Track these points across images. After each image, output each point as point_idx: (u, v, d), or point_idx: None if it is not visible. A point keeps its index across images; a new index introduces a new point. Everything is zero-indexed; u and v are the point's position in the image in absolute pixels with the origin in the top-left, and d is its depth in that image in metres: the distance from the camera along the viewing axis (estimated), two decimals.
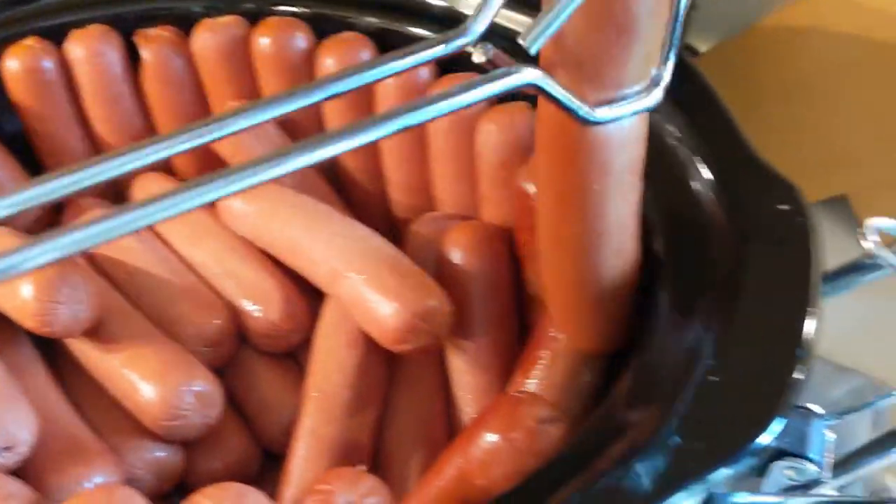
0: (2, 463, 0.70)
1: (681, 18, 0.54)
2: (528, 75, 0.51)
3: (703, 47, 1.31)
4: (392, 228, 1.06)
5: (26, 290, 0.79)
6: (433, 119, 0.53)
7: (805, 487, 0.64)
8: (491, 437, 0.60)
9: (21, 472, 0.72)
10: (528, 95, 0.88)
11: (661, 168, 0.76)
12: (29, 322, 0.80)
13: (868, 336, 1.19)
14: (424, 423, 0.85)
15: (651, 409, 0.56)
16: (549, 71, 0.52)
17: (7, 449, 0.70)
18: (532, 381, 0.67)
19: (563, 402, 0.63)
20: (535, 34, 0.48)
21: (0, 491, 0.58)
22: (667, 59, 0.55)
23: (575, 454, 0.55)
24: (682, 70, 0.86)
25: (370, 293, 0.80)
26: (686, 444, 0.52)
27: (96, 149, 1.11)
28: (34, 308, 0.79)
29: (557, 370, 0.66)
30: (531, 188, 0.82)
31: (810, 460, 0.63)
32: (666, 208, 0.73)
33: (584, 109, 0.53)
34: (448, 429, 0.85)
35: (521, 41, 0.49)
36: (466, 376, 0.85)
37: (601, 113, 0.54)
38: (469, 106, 0.53)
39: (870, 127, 1.28)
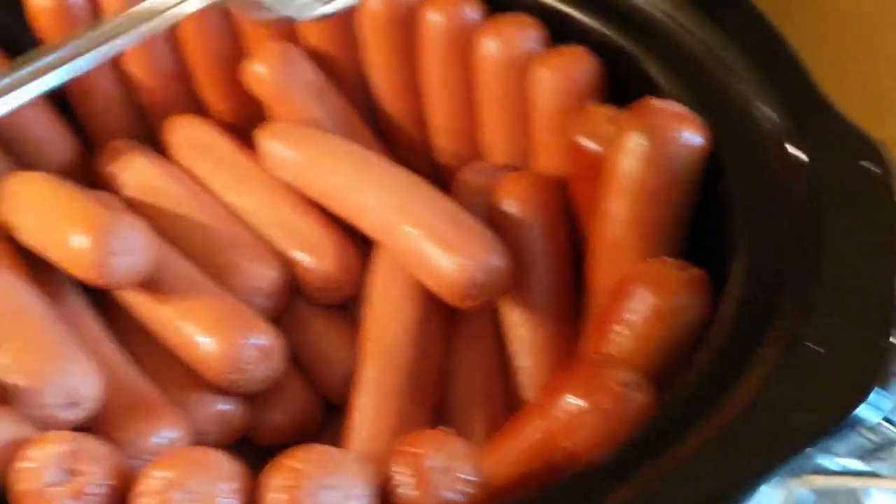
0: (66, 419, 0.69)
1: None
2: None
3: None
4: (433, 176, 1.04)
5: (81, 240, 0.77)
6: None
7: (879, 448, 0.64)
8: (575, 401, 0.59)
9: (84, 429, 0.71)
10: (587, 40, 0.87)
11: (731, 121, 0.75)
12: (85, 274, 0.78)
13: None
14: (483, 378, 0.84)
15: (744, 377, 0.55)
16: None
17: (72, 405, 0.69)
18: (615, 343, 0.66)
19: (649, 366, 0.62)
20: None
21: (84, 453, 0.57)
22: None
23: (668, 423, 0.55)
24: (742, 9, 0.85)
25: (430, 247, 0.79)
26: (786, 416, 0.52)
27: (129, 90, 1.08)
28: (90, 260, 0.77)
29: (642, 333, 0.65)
30: (589, 143, 0.80)
31: (889, 421, 0.63)
32: (739, 165, 0.72)
33: None
34: (505, 384, 0.85)
35: None
36: (522, 330, 0.84)
37: None
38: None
39: None
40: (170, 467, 0.54)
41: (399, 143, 1.04)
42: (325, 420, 0.88)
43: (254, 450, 0.85)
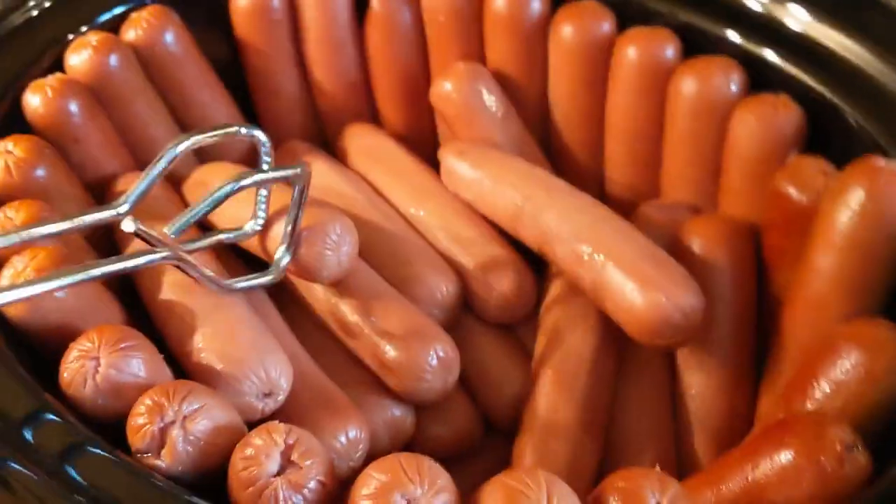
0: (261, 409, 0.71)
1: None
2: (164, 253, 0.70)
3: None
4: None
5: None
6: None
7: None
8: (792, 456, 0.58)
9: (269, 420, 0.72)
10: (787, 88, 0.85)
11: None
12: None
13: None
14: (652, 416, 0.83)
15: None
16: None
17: (268, 395, 0.71)
18: (820, 401, 0.64)
19: (862, 425, 0.60)
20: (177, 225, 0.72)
21: (303, 447, 0.58)
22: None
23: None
24: None
25: (625, 280, 0.77)
26: None
27: (309, 92, 1.10)
28: (308, 257, 0.77)
29: (850, 393, 0.63)
30: (796, 193, 0.78)
31: None
32: None
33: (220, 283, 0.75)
34: (673, 425, 0.84)
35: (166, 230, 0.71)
36: (699, 374, 0.83)
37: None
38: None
39: None
40: (390, 472, 0.55)
41: (571, 171, 1.04)
42: (484, 441, 0.88)
43: None
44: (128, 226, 0.67)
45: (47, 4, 0.93)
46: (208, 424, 0.61)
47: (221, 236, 0.79)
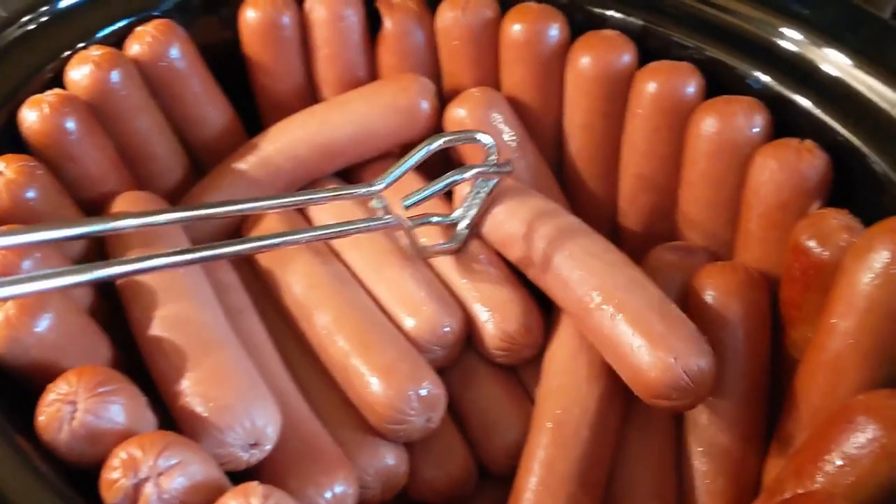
0: (245, 460, 0.68)
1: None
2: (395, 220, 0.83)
3: None
4: (613, 241, 0.99)
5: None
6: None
7: None
8: None
9: (256, 470, 0.69)
10: (817, 134, 0.81)
11: None
12: None
13: None
14: (655, 474, 0.79)
15: None
16: None
17: (254, 446, 0.68)
18: (831, 475, 0.61)
19: None
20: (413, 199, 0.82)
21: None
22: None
23: None
24: None
25: (633, 336, 0.73)
26: None
27: None
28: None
29: (863, 469, 0.60)
30: (817, 248, 0.74)
31: None
32: None
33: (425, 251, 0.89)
34: (678, 484, 0.80)
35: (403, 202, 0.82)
36: (706, 431, 0.79)
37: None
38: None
39: None
40: None
41: (583, 202, 1.01)
42: (480, 486, 0.85)
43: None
44: (376, 203, 0.81)
45: (45, 18, 0.90)
46: (184, 482, 0.58)
47: (435, 219, 0.90)
